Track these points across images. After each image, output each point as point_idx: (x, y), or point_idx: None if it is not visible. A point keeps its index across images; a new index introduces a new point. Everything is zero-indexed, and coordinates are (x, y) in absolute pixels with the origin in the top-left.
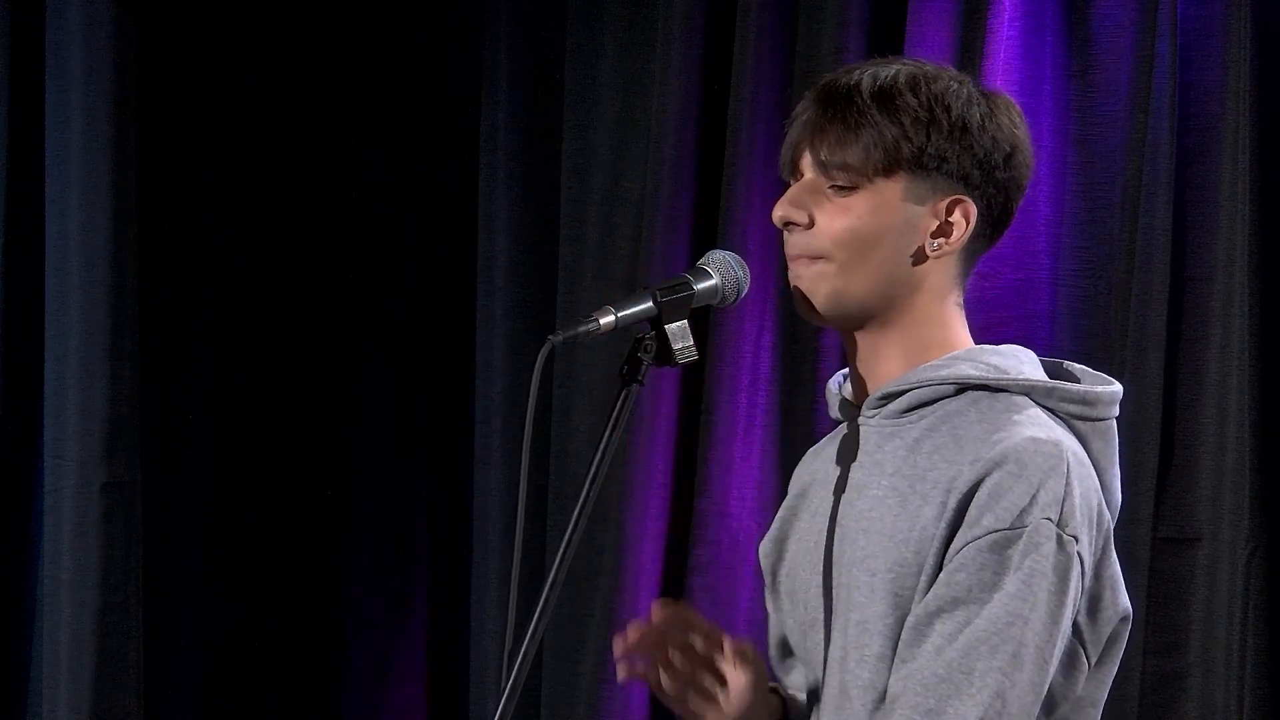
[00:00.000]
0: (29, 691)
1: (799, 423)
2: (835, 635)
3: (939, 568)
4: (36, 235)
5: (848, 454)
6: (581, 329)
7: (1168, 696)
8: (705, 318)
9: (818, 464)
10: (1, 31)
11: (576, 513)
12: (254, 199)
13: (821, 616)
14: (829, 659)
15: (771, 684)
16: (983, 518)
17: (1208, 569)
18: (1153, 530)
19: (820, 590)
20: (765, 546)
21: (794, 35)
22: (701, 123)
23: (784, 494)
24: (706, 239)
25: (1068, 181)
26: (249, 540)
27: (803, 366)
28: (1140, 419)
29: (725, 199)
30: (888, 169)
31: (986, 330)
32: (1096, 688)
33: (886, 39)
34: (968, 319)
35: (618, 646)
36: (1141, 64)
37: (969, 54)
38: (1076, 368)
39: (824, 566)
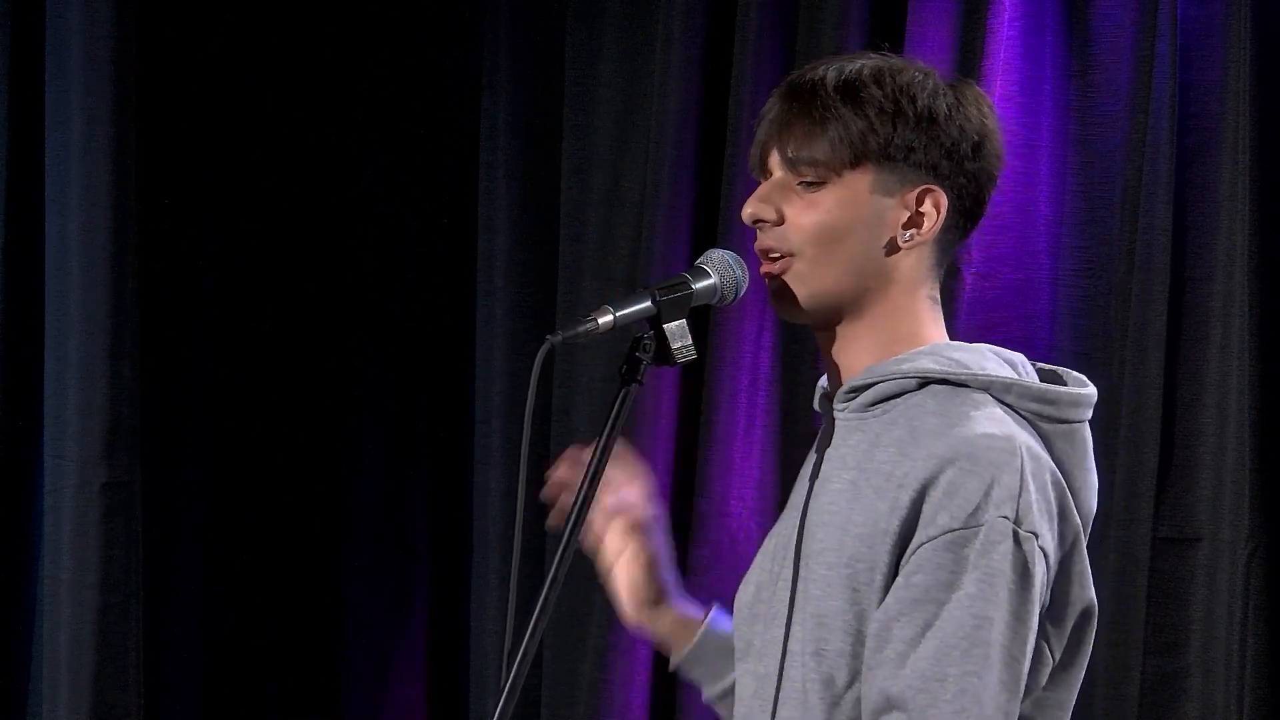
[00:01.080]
0: (29, 691)
1: (799, 423)
2: (795, 629)
3: (893, 565)
4: (36, 235)
5: (821, 448)
6: (580, 329)
7: (1168, 696)
8: (705, 318)
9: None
10: (1, 31)
11: (576, 512)
12: (254, 199)
13: (782, 610)
14: (790, 652)
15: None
16: (938, 516)
17: (1208, 569)
18: (1153, 530)
19: (777, 584)
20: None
21: (794, 35)
22: (701, 123)
23: (784, 493)
24: (706, 239)
25: (1068, 181)
26: (249, 540)
27: (803, 366)
28: (1140, 419)
29: (725, 199)
30: (855, 161)
31: (987, 330)
32: (1064, 691)
33: (886, 39)
34: (967, 319)
35: (558, 469)
36: (1141, 64)
37: (969, 54)
38: (1069, 373)
39: (786, 561)
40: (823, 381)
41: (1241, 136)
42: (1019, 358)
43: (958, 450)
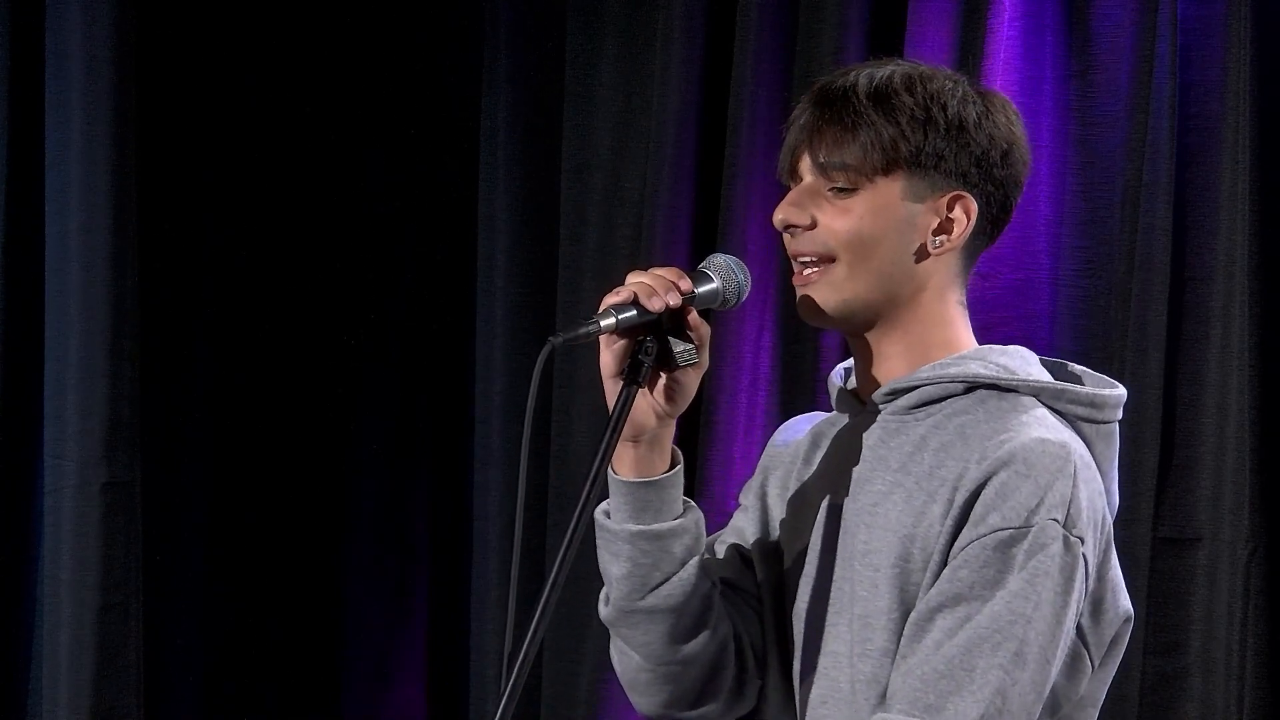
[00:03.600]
0: (29, 691)
1: None
2: (841, 631)
3: (944, 564)
4: (36, 235)
5: (849, 449)
6: (582, 331)
7: (1168, 696)
8: (705, 318)
9: (803, 453)
10: (1, 31)
11: (577, 513)
12: (254, 199)
13: (806, 608)
14: (834, 653)
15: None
16: (989, 516)
17: (1208, 569)
18: (1153, 530)
19: (813, 583)
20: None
21: (794, 36)
22: (701, 123)
23: None
24: (706, 239)
25: (1068, 181)
26: (249, 540)
27: (803, 366)
28: (1140, 419)
29: (725, 199)
30: (886, 168)
31: (987, 330)
32: (1098, 687)
33: (886, 39)
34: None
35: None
36: (1141, 64)
37: (969, 54)
38: (1079, 369)
39: (822, 560)
40: (836, 380)
41: (1241, 136)
42: (1032, 355)
43: (1013, 453)
